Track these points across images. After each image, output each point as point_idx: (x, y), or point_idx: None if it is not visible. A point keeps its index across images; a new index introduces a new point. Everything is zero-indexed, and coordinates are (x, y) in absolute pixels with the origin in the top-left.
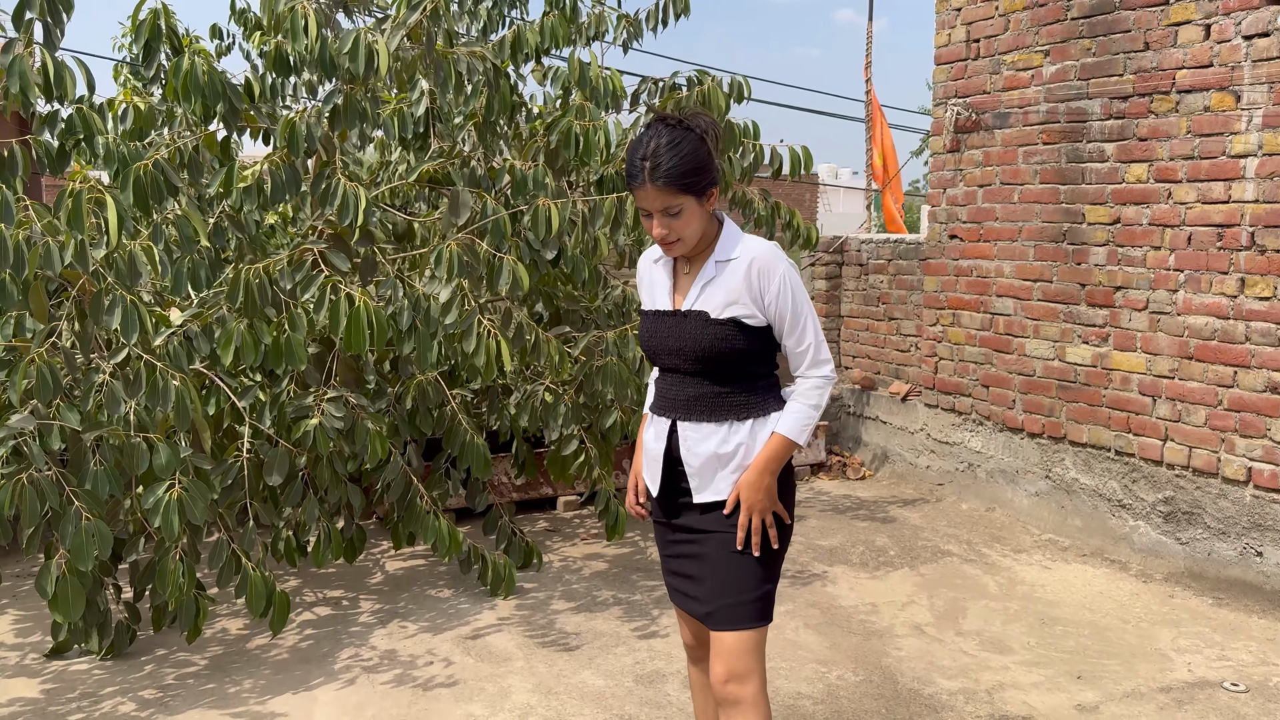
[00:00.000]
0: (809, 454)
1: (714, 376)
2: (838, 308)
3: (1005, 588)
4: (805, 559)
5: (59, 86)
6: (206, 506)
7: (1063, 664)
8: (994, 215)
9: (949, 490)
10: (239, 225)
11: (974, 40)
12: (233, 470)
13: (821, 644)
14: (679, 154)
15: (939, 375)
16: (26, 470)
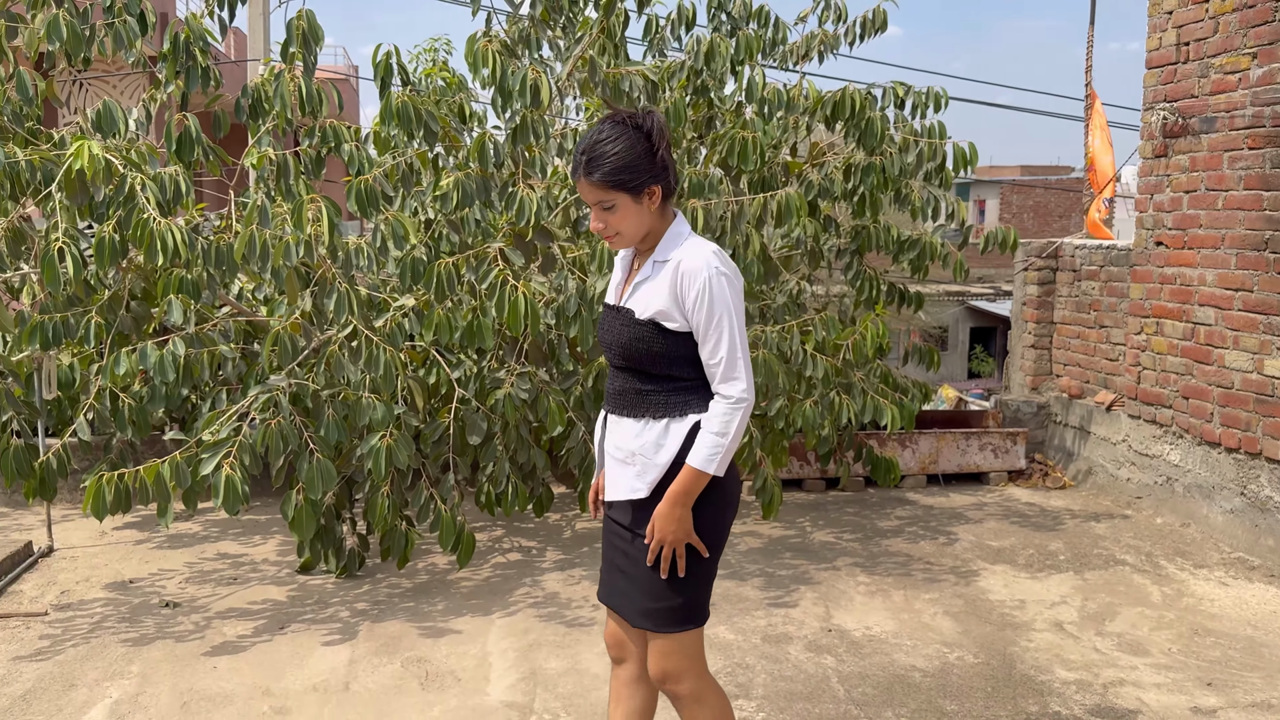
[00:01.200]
0: (1006, 460)
1: (638, 374)
2: (1050, 314)
3: (1169, 599)
4: (968, 557)
5: (311, 103)
6: (410, 455)
7: (1197, 671)
8: (1198, 222)
9: (1146, 504)
10: (455, 227)
11: (1184, 44)
12: (439, 429)
13: (954, 629)
14: (613, 152)
15: (1141, 385)
16: (276, 418)
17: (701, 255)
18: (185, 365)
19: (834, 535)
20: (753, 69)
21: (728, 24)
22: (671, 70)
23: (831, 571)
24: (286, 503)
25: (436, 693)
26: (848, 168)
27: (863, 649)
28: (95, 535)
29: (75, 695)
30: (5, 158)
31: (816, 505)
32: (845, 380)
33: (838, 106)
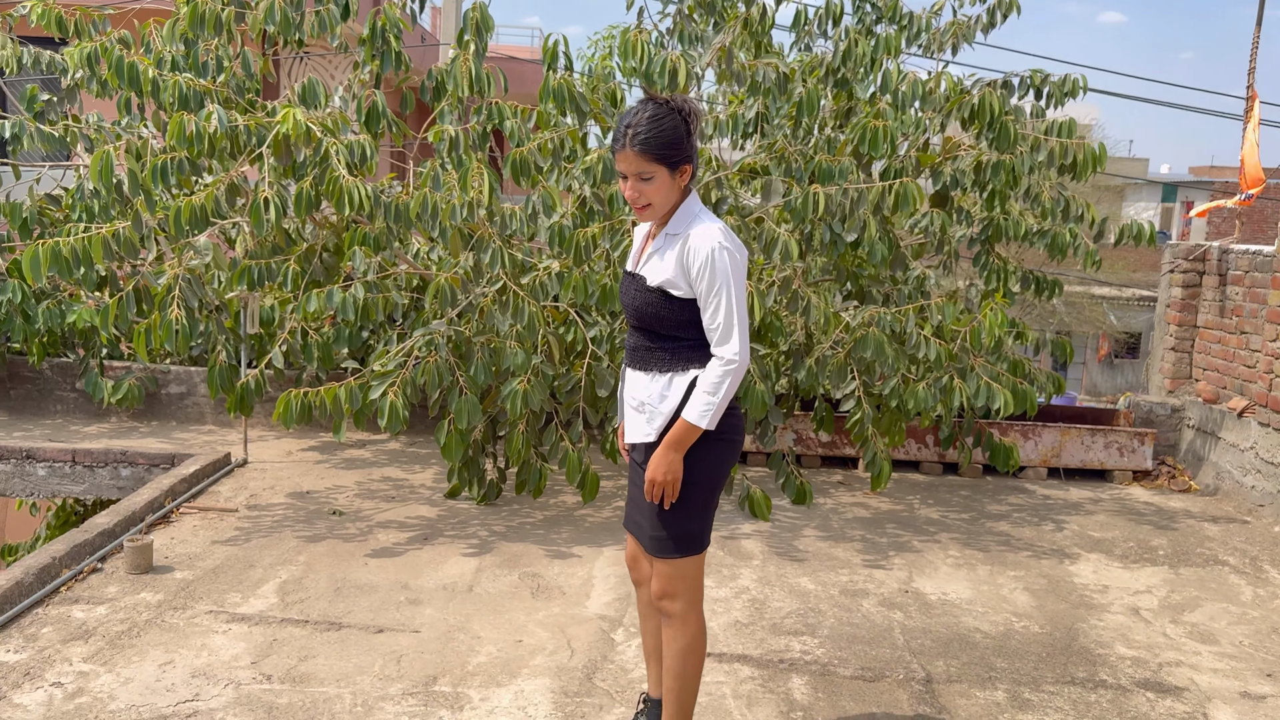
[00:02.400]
0: (1131, 460)
1: (648, 334)
2: (1193, 318)
3: (1260, 599)
4: (1067, 543)
5: (478, 84)
6: (544, 399)
7: (1261, 664)
8: None
9: (1267, 512)
10: (600, 199)
11: None
12: (573, 381)
13: (1028, 603)
14: (659, 127)
15: (1273, 393)
16: (435, 357)
17: (709, 231)
18: (364, 308)
19: (940, 513)
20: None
21: (873, 14)
22: (812, 65)
23: (927, 543)
24: (439, 431)
25: (544, 601)
26: (978, 164)
27: (933, 609)
28: (282, 454)
29: (253, 573)
30: (227, 122)
31: (930, 486)
32: (961, 365)
33: (976, 111)
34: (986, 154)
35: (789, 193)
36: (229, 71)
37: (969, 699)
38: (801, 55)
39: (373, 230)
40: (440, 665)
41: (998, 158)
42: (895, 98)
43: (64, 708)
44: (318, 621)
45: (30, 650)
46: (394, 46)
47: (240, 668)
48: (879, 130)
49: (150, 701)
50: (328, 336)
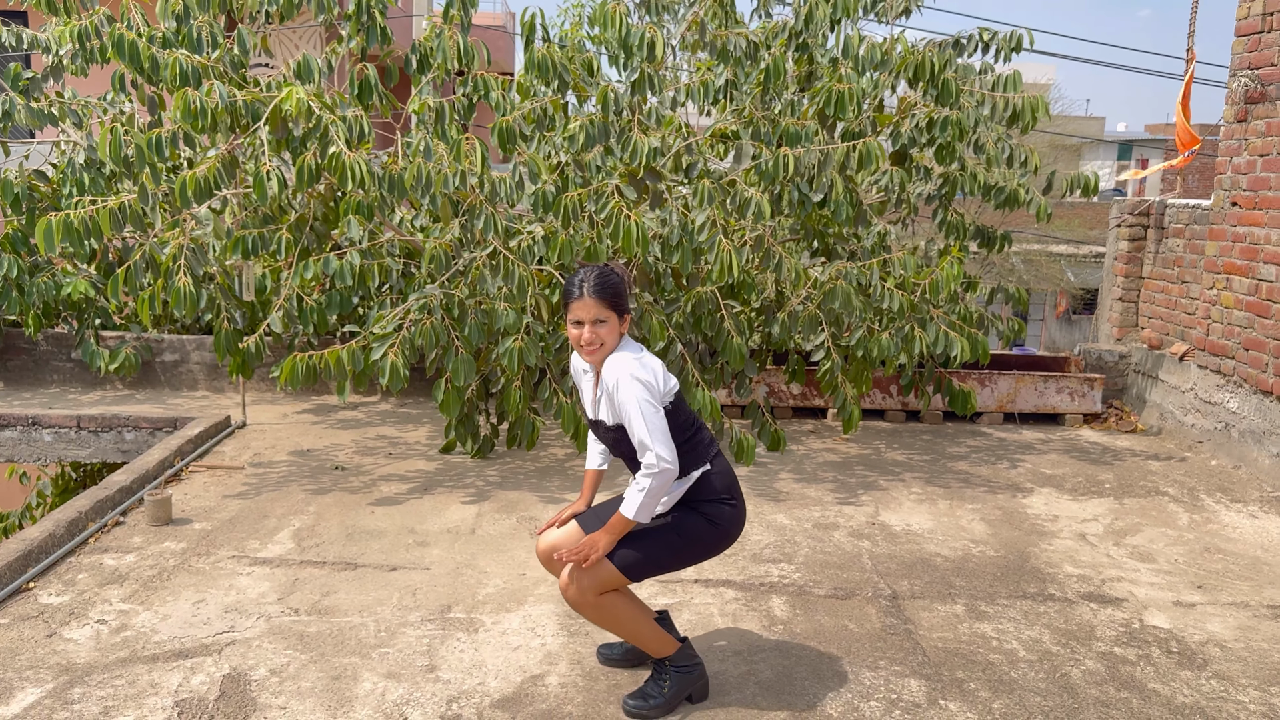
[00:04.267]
0: (1082, 404)
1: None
2: (1139, 269)
3: (1195, 524)
4: (1020, 480)
5: (466, 57)
6: (538, 356)
7: (1193, 577)
8: (1269, 184)
9: (1205, 448)
10: (579, 165)
11: (1269, 13)
12: (561, 339)
13: (985, 531)
14: (608, 280)
15: (1210, 338)
16: (430, 319)
17: (620, 365)
18: (360, 274)
19: (905, 456)
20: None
21: None
22: (775, 30)
23: (893, 482)
24: (437, 388)
25: None
26: (930, 120)
27: (898, 538)
28: (279, 416)
29: (267, 523)
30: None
31: (895, 433)
32: (921, 314)
33: (919, 68)
34: (938, 111)
35: (759, 155)
36: (224, 48)
37: (931, 612)
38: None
39: (366, 199)
40: (453, 596)
41: (945, 114)
42: (856, 61)
43: (111, 640)
44: (334, 562)
45: (71, 593)
46: (379, 22)
47: (268, 603)
48: (844, 93)
49: (190, 634)
50: (321, 302)
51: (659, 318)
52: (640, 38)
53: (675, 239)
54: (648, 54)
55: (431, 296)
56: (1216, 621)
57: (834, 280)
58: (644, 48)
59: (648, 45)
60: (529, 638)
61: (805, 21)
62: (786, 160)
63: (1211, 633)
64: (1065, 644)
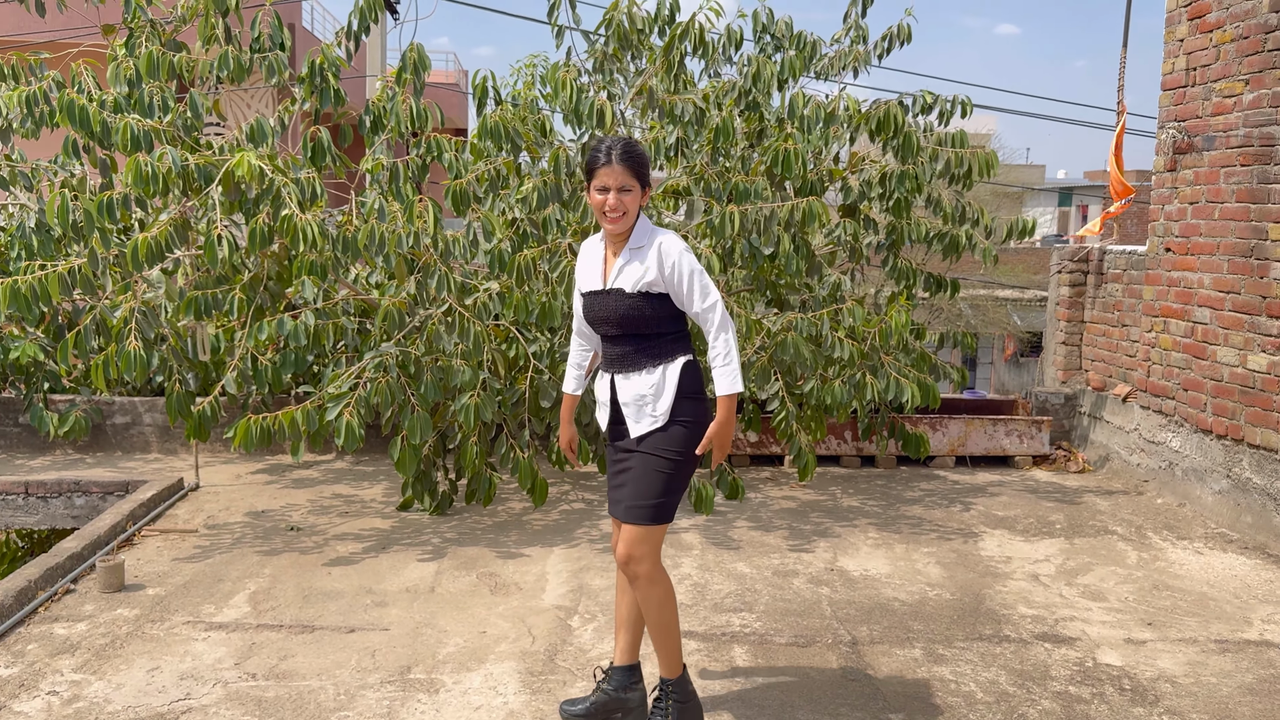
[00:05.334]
0: (1031, 445)
1: (632, 338)
2: (1080, 314)
3: (1144, 562)
4: (974, 523)
5: (420, 120)
6: (494, 411)
7: (1143, 615)
8: (1199, 231)
9: (1151, 486)
10: (534, 224)
11: (1192, 69)
12: (517, 394)
13: (940, 574)
14: (637, 150)
15: (1150, 379)
16: (386, 377)
17: (673, 239)
18: (314, 334)
19: (860, 501)
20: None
21: (772, 43)
22: (725, 90)
23: (849, 528)
24: (393, 446)
25: (502, 596)
26: (883, 175)
27: (856, 584)
28: (232, 478)
29: (222, 586)
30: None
31: (850, 478)
32: (872, 362)
33: (882, 123)
34: (890, 165)
35: (710, 210)
36: (175, 111)
37: (890, 657)
38: (712, 82)
39: (319, 259)
40: (412, 656)
41: (901, 168)
42: (801, 121)
43: (63, 712)
44: (291, 625)
45: (21, 665)
46: (332, 84)
47: (225, 669)
48: (789, 153)
49: (145, 702)
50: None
51: None
52: (590, 106)
53: None
54: (597, 121)
55: (387, 354)
56: (1167, 658)
57: (785, 331)
58: (594, 115)
59: (598, 113)
60: (491, 696)
61: (753, 80)
62: (733, 216)
63: (1162, 669)
64: (1021, 684)
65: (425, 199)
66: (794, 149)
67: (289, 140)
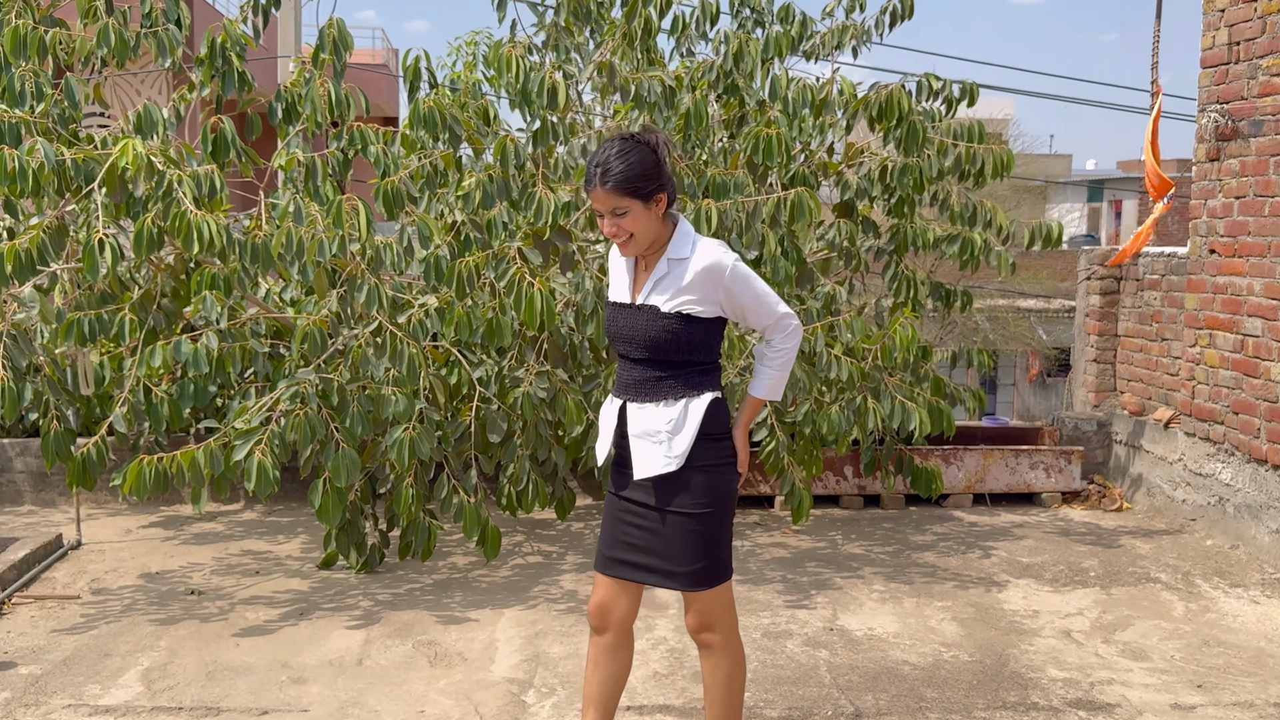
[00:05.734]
0: (1059, 480)
1: (657, 363)
2: (1113, 326)
3: (1192, 614)
4: (995, 570)
5: (340, 107)
6: (433, 447)
7: (1191, 675)
8: (1247, 229)
9: (1199, 525)
10: (477, 226)
11: (1235, 43)
12: (461, 428)
13: (957, 633)
14: (625, 162)
15: (1196, 401)
16: (304, 409)
17: (717, 249)
18: (218, 359)
19: (864, 548)
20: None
21: (752, 17)
22: (700, 70)
23: (851, 580)
24: (314, 491)
25: (444, 669)
26: (884, 169)
27: (859, 645)
28: (121, 532)
29: (110, 663)
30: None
31: (851, 521)
32: (874, 384)
33: (885, 109)
34: (892, 158)
35: (683, 209)
36: (50, 99)
37: None
38: (685, 61)
39: (223, 271)
40: None
41: (904, 161)
42: (785, 104)
43: None
44: (192, 708)
45: None
46: (236, 66)
47: None
48: (772, 138)
49: None
50: (172, 394)
51: (575, 398)
52: (541, 83)
53: (590, 306)
54: (549, 101)
55: (306, 382)
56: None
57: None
58: (544, 94)
59: (549, 91)
60: None
61: (734, 60)
62: (709, 214)
63: None
64: None
65: (354, 198)
66: (776, 133)
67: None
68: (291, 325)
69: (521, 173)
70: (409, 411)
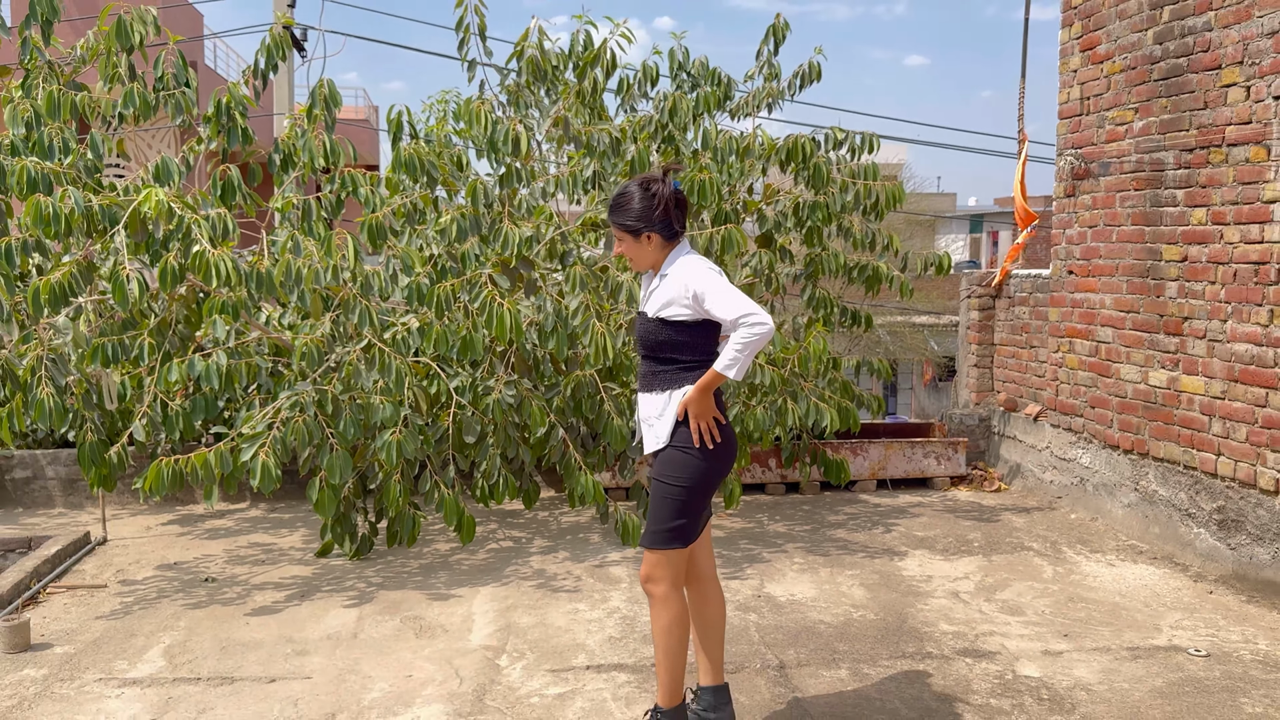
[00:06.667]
0: (949, 467)
1: (652, 359)
2: (991, 336)
3: (1059, 576)
4: (896, 543)
5: (332, 156)
6: (416, 448)
7: (1059, 626)
8: (1099, 253)
9: (1065, 502)
10: (453, 258)
11: (1086, 98)
12: (440, 431)
13: (864, 596)
14: (620, 205)
15: (1059, 398)
16: (303, 417)
17: (690, 262)
18: (227, 374)
19: (786, 527)
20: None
21: (688, 80)
22: (641, 124)
23: (776, 554)
24: (311, 487)
25: (428, 639)
26: (796, 205)
27: (783, 609)
28: (142, 530)
29: (135, 641)
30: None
31: (776, 505)
32: (792, 388)
33: (791, 153)
34: (803, 196)
35: None
36: (76, 153)
37: (817, 678)
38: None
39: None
40: (337, 704)
41: (814, 198)
42: (715, 153)
43: None
44: (210, 678)
45: None
46: (239, 123)
47: None
48: (706, 182)
49: None
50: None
51: (539, 404)
52: (506, 134)
53: (550, 325)
54: (513, 149)
55: (304, 393)
56: (1082, 667)
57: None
58: (509, 143)
59: (513, 141)
60: None
61: (669, 115)
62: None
63: (1078, 678)
64: (944, 700)
65: (343, 232)
66: (709, 178)
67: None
68: (290, 346)
69: (490, 211)
70: (395, 417)
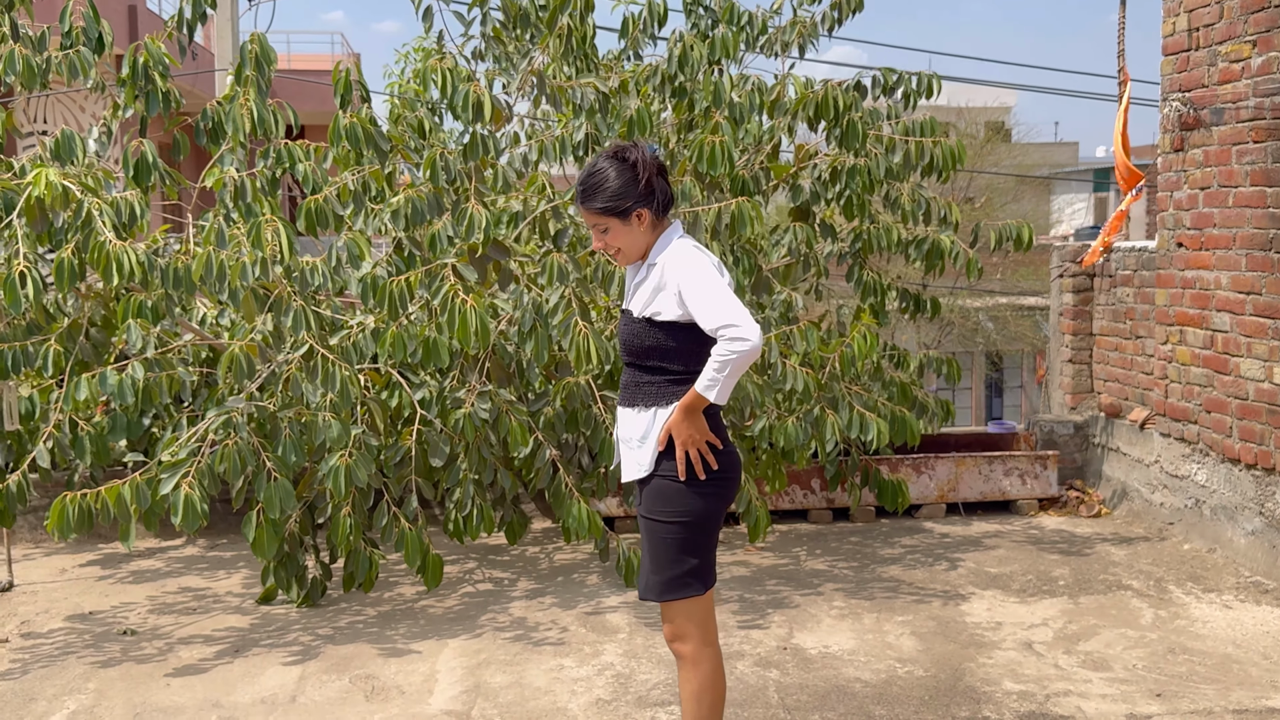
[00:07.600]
0: (1035, 487)
1: (637, 368)
2: (1088, 325)
3: (1160, 621)
4: (961, 582)
5: (263, 126)
6: (370, 474)
7: (1151, 684)
8: (1212, 221)
9: (1177, 529)
10: (415, 243)
11: (1194, 29)
12: (401, 452)
13: (914, 647)
14: (598, 183)
15: (1169, 400)
16: (234, 439)
17: (675, 251)
18: (144, 390)
19: (828, 564)
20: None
21: (707, 18)
22: (645, 75)
23: (810, 597)
24: (247, 524)
25: (380, 703)
26: (834, 170)
27: (812, 664)
28: (55, 572)
29: (35, 707)
30: None
31: (818, 536)
32: (831, 394)
33: (821, 107)
34: (843, 159)
35: None
36: None
37: None
38: (635, 65)
39: (149, 299)
40: None
41: (854, 162)
42: (731, 110)
43: None
44: None
45: None
46: (160, 85)
47: None
48: (715, 147)
49: None
50: (102, 427)
51: (520, 419)
52: (465, 98)
53: (528, 324)
54: (475, 115)
55: (235, 410)
56: None
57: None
58: (469, 109)
59: (474, 106)
60: None
61: (679, 64)
62: None
63: None
64: None
65: (274, 218)
66: (720, 142)
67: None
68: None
69: (453, 186)
70: (344, 438)
